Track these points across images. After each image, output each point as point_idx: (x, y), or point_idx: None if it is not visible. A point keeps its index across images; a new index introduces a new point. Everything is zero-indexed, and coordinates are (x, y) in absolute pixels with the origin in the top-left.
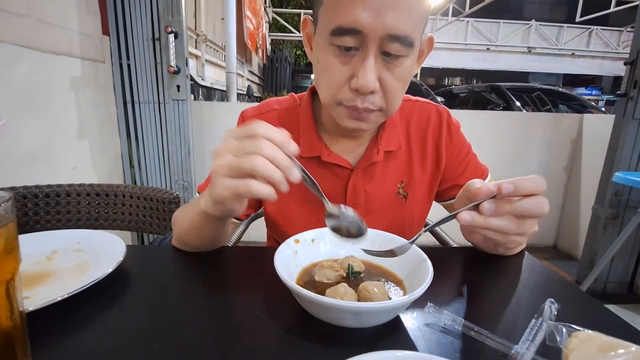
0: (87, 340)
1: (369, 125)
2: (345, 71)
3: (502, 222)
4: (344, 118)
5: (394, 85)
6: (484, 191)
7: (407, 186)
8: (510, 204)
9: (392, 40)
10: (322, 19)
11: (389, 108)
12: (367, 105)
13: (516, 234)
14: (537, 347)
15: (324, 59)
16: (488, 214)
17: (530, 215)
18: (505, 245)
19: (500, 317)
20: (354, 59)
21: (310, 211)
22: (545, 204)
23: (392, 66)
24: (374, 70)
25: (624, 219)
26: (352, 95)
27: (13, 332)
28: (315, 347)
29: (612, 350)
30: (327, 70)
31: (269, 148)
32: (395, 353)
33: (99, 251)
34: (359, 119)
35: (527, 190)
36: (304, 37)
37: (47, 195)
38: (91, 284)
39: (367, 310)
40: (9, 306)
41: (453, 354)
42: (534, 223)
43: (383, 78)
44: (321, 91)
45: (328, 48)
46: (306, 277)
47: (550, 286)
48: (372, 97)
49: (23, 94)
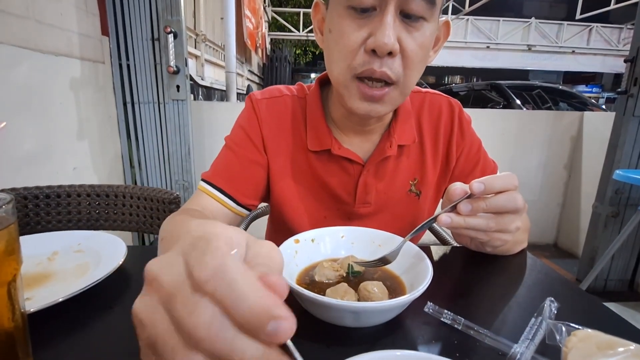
0: (89, 340)
1: (384, 108)
2: (361, 34)
3: (481, 221)
4: (356, 100)
5: (415, 52)
6: (458, 192)
7: (419, 183)
8: (484, 201)
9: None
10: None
11: (406, 81)
12: (385, 69)
13: (496, 231)
14: (536, 346)
15: (338, 26)
16: (465, 214)
17: (505, 210)
18: (491, 244)
19: (500, 316)
20: (371, 20)
21: (317, 208)
22: (519, 198)
23: (412, 29)
24: (393, 28)
25: (625, 217)
26: (368, 58)
27: (15, 333)
28: (315, 346)
29: (611, 349)
30: (342, 35)
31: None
32: (395, 352)
33: (99, 252)
34: (372, 99)
35: (498, 188)
36: (314, 24)
37: (47, 196)
38: (92, 285)
39: (366, 309)
40: (10, 307)
41: (453, 352)
42: (513, 219)
43: (403, 41)
44: (334, 64)
45: (343, 13)
46: (306, 277)
47: (550, 285)
48: (390, 61)
49: (23, 95)
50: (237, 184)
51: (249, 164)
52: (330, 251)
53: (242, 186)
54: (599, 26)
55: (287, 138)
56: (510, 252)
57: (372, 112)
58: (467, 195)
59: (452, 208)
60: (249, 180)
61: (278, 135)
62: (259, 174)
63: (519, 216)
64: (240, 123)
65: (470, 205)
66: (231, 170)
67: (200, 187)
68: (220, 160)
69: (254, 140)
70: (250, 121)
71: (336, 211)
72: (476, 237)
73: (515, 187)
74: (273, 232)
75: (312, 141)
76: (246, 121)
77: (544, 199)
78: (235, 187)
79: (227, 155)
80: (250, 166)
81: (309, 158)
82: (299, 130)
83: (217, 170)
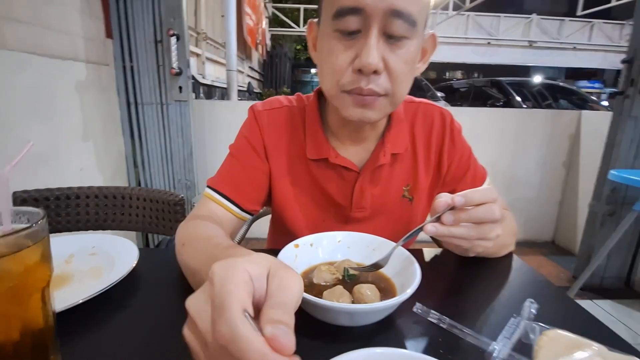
0: (107, 337)
1: (376, 114)
2: (348, 55)
3: (462, 230)
4: (349, 107)
5: (399, 67)
6: (442, 204)
7: (412, 189)
8: (465, 212)
9: (394, 17)
10: (325, 8)
11: (395, 93)
12: (372, 86)
13: (478, 239)
14: (513, 344)
15: (328, 46)
16: (449, 224)
17: (484, 220)
18: (474, 250)
19: (483, 315)
20: (357, 42)
21: (316, 212)
22: (496, 210)
23: (396, 48)
24: (377, 48)
25: (621, 216)
26: (355, 77)
27: (47, 332)
28: (313, 344)
29: (577, 348)
30: (331, 55)
31: None
32: (375, 350)
33: (112, 255)
34: (364, 105)
35: (477, 200)
36: (309, 42)
37: (57, 197)
38: (111, 286)
39: (359, 311)
40: (44, 310)
41: (437, 349)
42: (492, 227)
43: (388, 60)
44: (325, 80)
45: (332, 34)
46: (305, 280)
47: (532, 287)
48: (376, 78)
49: (31, 98)
50: (241, 190)
51: (252, 172)
52: (327, 255)
53: (245, 192)
54: (601, 22)
55: (287, 147)
56: (497, 255)
57: (364, 118)
58: (451, 207)
59: (437, 218)
60: (251, 186)
61: (279, 144)
62: (261, 181)
63: (498, 225)
64: (244, 133)
65: (452, 216)
66: (235, 178)
67: (206, 193)
68: (225, 167)
69: (257, 149)
70: (253, 131)
71: (334, 215)
72: (459, 244)
73: (494, 199)
74: (274, 233)
75: (311, 150)
76: (249, 131)
77: (542, 196)
78: (239, 194)
79: (231, 163)
80: (253, 173)
81: (308, 165)
82: (299, 139)
83: (222, 177)
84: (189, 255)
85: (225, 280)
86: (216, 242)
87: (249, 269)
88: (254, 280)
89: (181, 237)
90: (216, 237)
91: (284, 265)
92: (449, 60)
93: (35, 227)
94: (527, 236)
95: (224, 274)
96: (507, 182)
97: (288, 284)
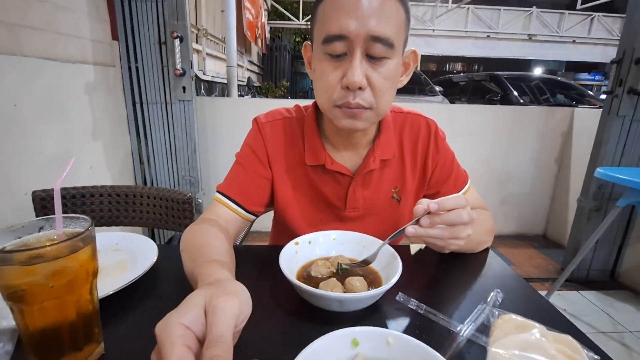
0: (134, 323)
1: (363, 124)
2: (337, 74)
3: (437, 231)
4: (340, 119)
5: (381, 83)
6: (420, 210)
7: (400, 191)
8: (439, 216)
9: (374, 41)
10: (316, 34)
11: (379, 106)
12: (359, 100)
13: (450, 238)
14: (477, 326)
15: (319, 67)
16: (426, 226)
17: (455, 223)
18: (448, 247)
19: (456, 303)
20: (344, 63)
21: (314, 212)
22: (464, 214)
23: (377, 66)
24: (360, 68)
25: (607, 211)
26: (344, 93)
27: (94, 315)
28: (310, 326)
29: (523, 328)
30: (322, 75)
31: None
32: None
33: (134, 251)
34: (353, 117)
35: (449, 206)
36: (305, 61)
37: (73, 196)
38: (138, 277)
39: (349, 299)
40: (92, 297)
41: (414, 330)
42: (463, 229)
43: (370, 77)
44: (319, 96)
45: (322, 57)
46: (304, 273)
47: (502, 278)
48: (362, 93)
49: (46, 102)
50: (247, 194)
51: (256, 178)
52: (323, 251)
53: (250, 196)
54: (601, 15)
55: (288, 154)
56: (474, 251)
57: (354, 127)
58: (427, 212)
59: (416, 222)
60: (256, 191)
61: (280, 153)
62: (265, 186)
63: (468, 226)
64: (248, 142)
65: (429, 220)
66: (241, 183)
67: (216, 197)
68: (232, 174)
69: (260, 158)
70: (257, 141)
71: (330, 215)
72: (435, 243)
73: (464, 205)
74: (276, 231)
75: (309, 157)
76: (253, 141)
77: (535, 191)
78: (245, 198)
79: (237, 170)
80: (257, 179)
81: (307, 171)
82: (298, 148)
83: (229, 183)
84: (184, 262)
85: (164, 342)
86: (202, 253)
87: (183, 320)
88: (191, 326)
89: (182, 242)
90: (205, 246)
91: (219, 293)
92: (449, 54)
93: (86, 233)
94: (519, 230)
95: (162, 335)
96: (501, 178)
97: (223, 310)
